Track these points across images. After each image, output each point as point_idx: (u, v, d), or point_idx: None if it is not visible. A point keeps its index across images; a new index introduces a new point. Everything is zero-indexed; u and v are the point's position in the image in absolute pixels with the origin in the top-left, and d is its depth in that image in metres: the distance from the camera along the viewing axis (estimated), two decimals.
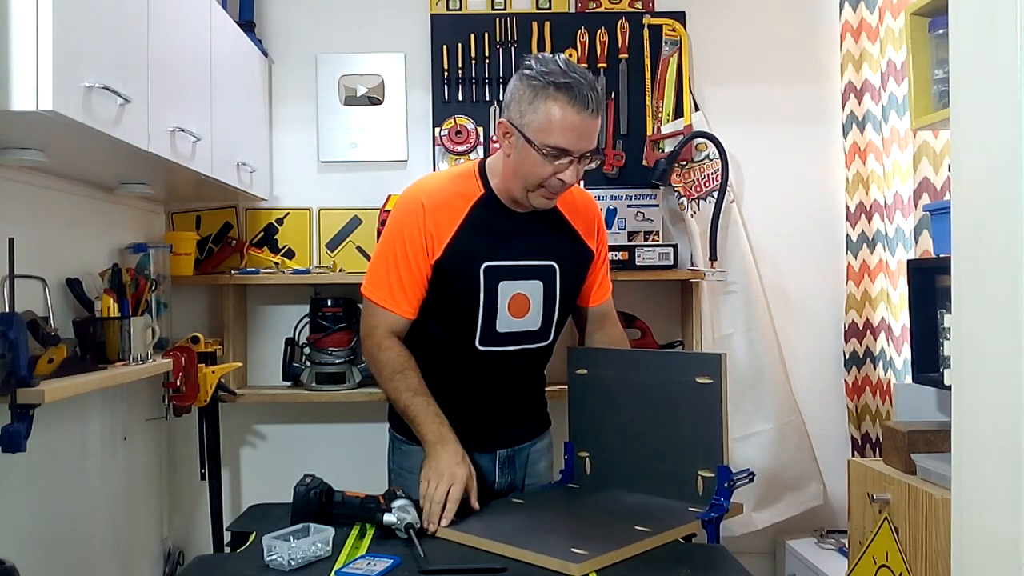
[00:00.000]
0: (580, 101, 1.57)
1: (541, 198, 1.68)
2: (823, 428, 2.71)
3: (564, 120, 1.58)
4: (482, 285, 1.70)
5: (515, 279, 1.73)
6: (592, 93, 1.58)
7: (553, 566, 1.31)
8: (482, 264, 1.70)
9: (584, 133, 1.60)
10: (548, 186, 1.65)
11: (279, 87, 2.69)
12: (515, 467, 1.88)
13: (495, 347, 1.75)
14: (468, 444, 1.77)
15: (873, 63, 2.53)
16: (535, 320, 1.77)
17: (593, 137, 1.62)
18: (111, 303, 1.93)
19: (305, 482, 1.57)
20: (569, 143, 1.59)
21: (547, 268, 1.77)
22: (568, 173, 1.62)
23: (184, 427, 2.54)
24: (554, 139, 1.59)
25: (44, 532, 1.88)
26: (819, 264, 2.72)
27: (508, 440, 1.87)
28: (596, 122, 1.61)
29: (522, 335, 1.77)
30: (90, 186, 2.08)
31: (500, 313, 1.73)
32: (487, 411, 1.83)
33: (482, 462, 1.84)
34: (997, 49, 0.97)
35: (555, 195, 1.68)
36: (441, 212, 1.70)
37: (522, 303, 1.75)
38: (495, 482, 1.86)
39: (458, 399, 1.78)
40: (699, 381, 1.63)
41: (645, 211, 2.61)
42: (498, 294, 1.71)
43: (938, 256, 1.92)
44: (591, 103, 1.58)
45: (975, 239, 1.02)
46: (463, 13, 2.68)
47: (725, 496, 1.58)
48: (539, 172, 1.63)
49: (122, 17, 1.57)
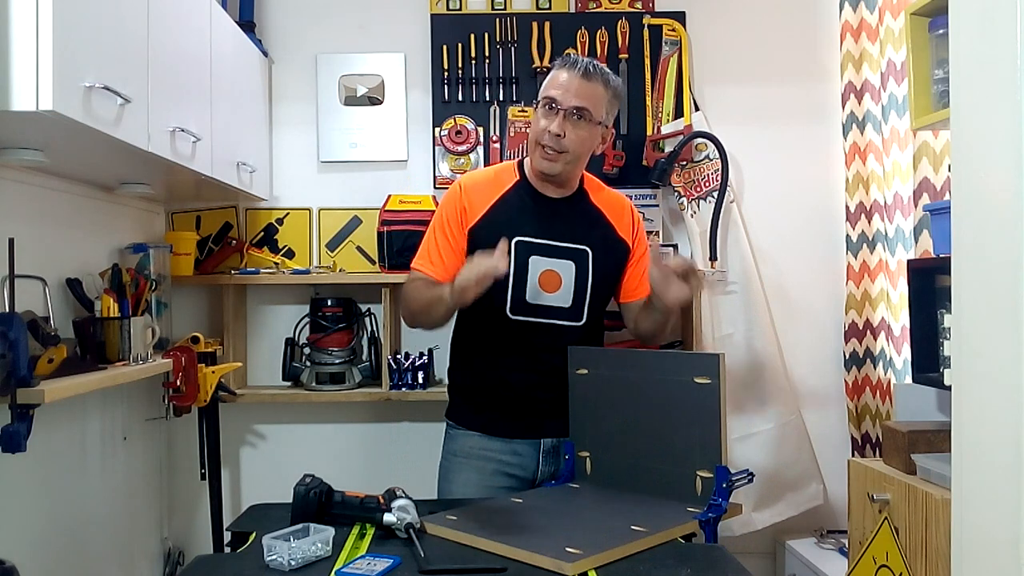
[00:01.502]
0: (572, 64, 1.85)
1: (541, 158, 1.86)
2: (823, 428, 2.70)
3: (556, 77, 1.86)
4: (513, 256, 1.84)
5: (546, 256, 1.88)
6: (590, 64, 1.85)
7: (547, 565, 1.31)
8: (514, 238, 1.86)
9: (571, 89, 1.82)
10: (543, 140, 1.84)
11: (279, 87, 2.69)
12: (560, 458, 1.92)
13: (526, 317, 1.87)
14: (512, 431, 1.91)
15: (873, 63, 2.53)
16: (566, 297, 1.89)
17: (583, 96, 1.83)
18: (111, 303, 1.93)
19: (305, 482, 1.57)
20: (556, 94, 1.83)
21: (580, 251, 1.91)
22: (554, 124, 1.82)
23: (184, 427, 2.54)
24: (545, 91, 1.86)
25: (44, 532, 1.88)
26: (819, 264, 2.72)
27: (553, 431, 1.91)
28: (588, 84, 1.83)
29: (552, 309, 1.88)
30: (90, 186, 2.08)
31: (530, 285, 1.87)
32: (526, 395, 1.90)
33: (525, 451, 1.91)
34: (997, 49, 0.97)
35: (552, 152, 1.84)
36: (478, 190, 1.92)
37: (553, 279, 1.89)
38: (538, 470, 1.92)
39: (497, 379, 1.90)
40: (697, 381, 1.64)
41: (645, 211, 2.61)
42: (528, 267, 1.87)
43: (938, 256, 1.92)
44: (579, 67, 1.83)
45: (975, 239, 1.02)
46: (463, 13, 2.68)
47: (723, 496, 1.58)
48: (537, 128, 1.86)
49: (122, 17, 1.57)
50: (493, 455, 1.91)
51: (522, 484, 1.91)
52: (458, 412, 1.99)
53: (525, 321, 1.87)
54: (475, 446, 1.92)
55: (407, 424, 2.67)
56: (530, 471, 1.92)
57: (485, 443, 1.92)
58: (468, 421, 1.95)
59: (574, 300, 1.89)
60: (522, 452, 1.91)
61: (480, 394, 1.94)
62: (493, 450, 1.91)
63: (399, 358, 2.50)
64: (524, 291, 1.86)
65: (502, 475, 1.91)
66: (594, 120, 1.85)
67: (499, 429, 1.91)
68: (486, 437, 1.92)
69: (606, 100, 1.87)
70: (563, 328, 1.89)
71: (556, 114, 1.82)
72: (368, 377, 2.56)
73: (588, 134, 1.85)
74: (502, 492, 1.87)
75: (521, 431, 1.91)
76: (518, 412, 1.90)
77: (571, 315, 1.90)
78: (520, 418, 1.90)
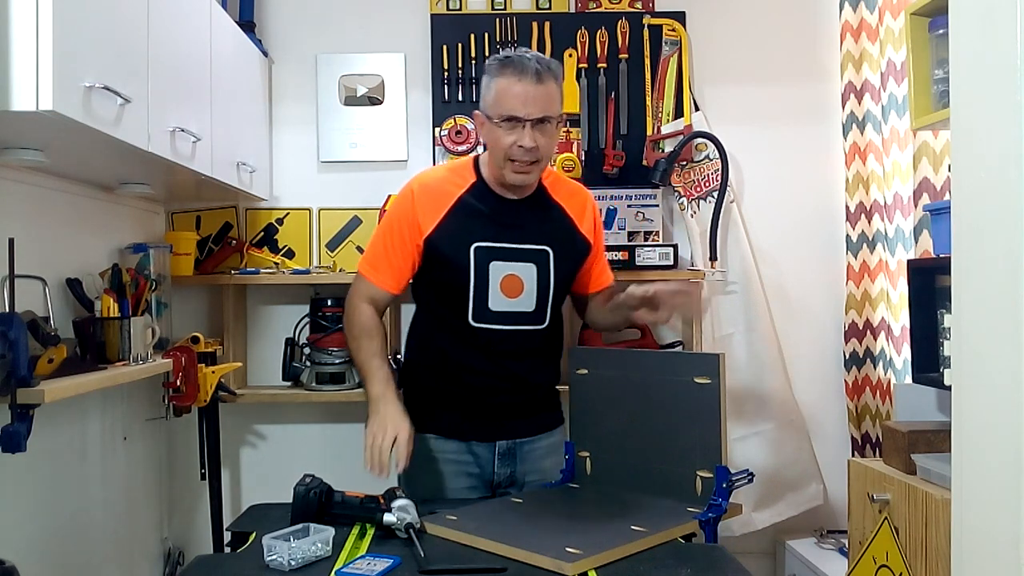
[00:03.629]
0: (520, 70, 1.73)
1: (512, 172, 1.79)
2: (823, 428, 2.71)
3: (508, 90, 1.74)
4: (472, 263, 1.80)
5: (507, 260, 1.83)
6: (536, 64, 1.73)
7: (547, 565, 1.31)
8: (472, 244, 1.81)
9: (530, 99, 1.73)
10: (513, 156, 1.76)
11: (279, 87, 2.69)
12: (515, 460, 1.90)
13: (489, 324, 1.83)
14: (468, 432, 1.87)
15: (873, 63, 2.53)
16: (529, 301, 1.85)
17: (543, 103, 1.74)
18: (111, 303, 1.93)
19: (305, 482, 1.57)
20: (516, 109, 1.73)
21: (541, 252, 1.86)
22: (525, 139, 1.74)
23: (184, 427, 2.54)
24: (503, 108, 1.75)
25: (44, 532, 1.88)
26: (819, 264, 2.72)
27: (509, 432, 1.89)
28: (543, 88, 1.74)
29: (516, 315, 1.84)
30: (90, 186, 2.08)
31: (492, 291, 1.82)
32: (486, 398, 1.86)
33: (481, 452, 1.88)
34: (997, 49, 0.97)
35: (526, 166, 1.77)
36: (432, 196, 1.85)
37: (515, 284, 1.84)
38: (494, 473, 1.89)
39: (457, 381, 1.86)
40: (698, 381, 1.64)
41: (645, 211, 2.61)
42: (489, 273, 1.81)
43: (938, 256, 1.92)
44: (531, 71, 1.72)
45: (975, 239, 1.02)
46: (463, 13, 2.68)
47: (723, 496, 1.58)
48: (502, 144, 1.76)
49: (122, 17, 1.57)
50: (451, 456, 1.87)
51: (480, 484, 1.89)
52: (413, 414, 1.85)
53: (488, 328, 1.83)
54: (432, 449, 1.87)
55: None
56: (487, 472, 1.89)
57: (441, 445, 1.87)
58: (424, 424, 1.87)
59: (537, 303, 1.85)
60: (478, 453, 1.88)
61: (437, 396, 1.90)
62: (450, 451, 1.87)
63: (399, 358, 2.49)
64: (486, 298, 1.82)
65: (462, 475, 1.87)
66: (556, 120, 1.79)
67: (455, 431, 1.87)
68: (441, 439, 1.88)
69: (559, 93, 1.80)
70: (526, 333, 1.86)
71: (522, 127, 1.74)
72: None
73: (555, 134, 1.82)
74: (463, 492, 1.85)
75: (477, 433, 1.87)
76: (474, 414, 1.87)
77: (534, 319, 1.86)
78: (476, 420, 1.87)
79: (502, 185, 1.84)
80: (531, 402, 1.92)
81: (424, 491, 1.86)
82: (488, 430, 1.88)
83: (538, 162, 1.79)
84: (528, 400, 1.91)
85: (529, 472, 1.91)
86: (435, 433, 1.88)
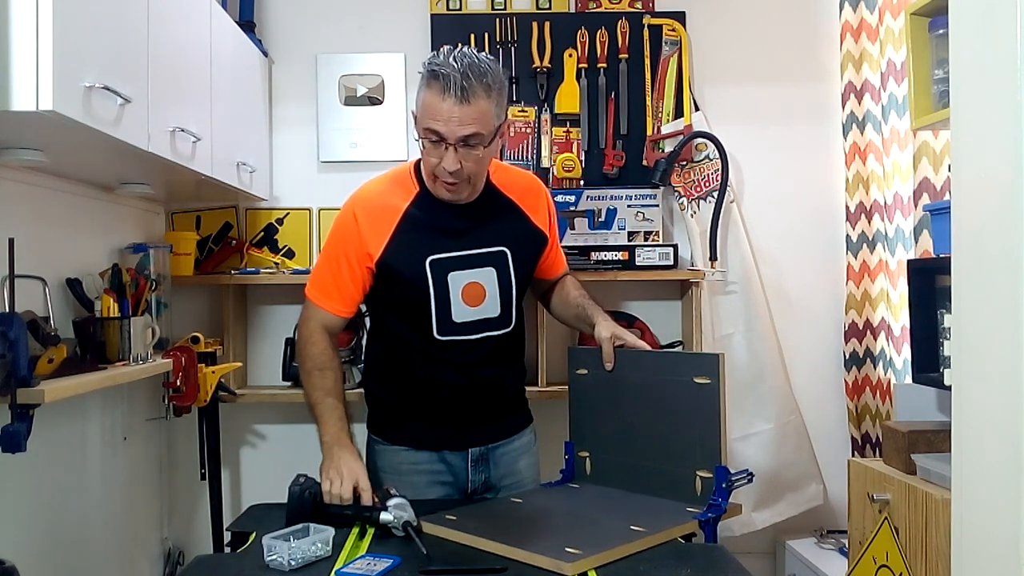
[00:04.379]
0: (444, 87, 1.60)
1: (441, 188, 1.72)
2: (823, 428, 2.71)
3: (431, 106, 1.63)
4: (430, 278, 1.75)
5: (465, 268, 1.77)
6: (464, 80, 1.59)
7: (546, 565, 1.31)
8: (427, 258, 1.75)
9: (452, 119, 1.61)
10: (439, 175, 1.69)
11: (279, 87, 2.69)
12: (489, 466, 1.88)
13: (455, 336, 1.78)
14: (439, 442, 1.84)
15: (873, 63, 2.53)
16: (493, 307, 1.81)
17: (466, 124, 1.62)
18: (111, 303, 1.93)
19: (299, 482, 1.57)
20: (438, 127, 1.62)
21: (498, 254, 1.80)
22: (448, 160, 1.64)
23: (184, 427, 2.54)
24: (426, 123, 1.65)
25: (44, 532, 1.88)
26: (819, 264, 2.72)
27: (481, 438, 1.87)
28: (469, 108, 1.61)
29: (482, 323, 1.80)
30: (90, 186, 2.08)
31: (454, 303, 1.77)
32: (456, 407, 1.84)
33: (454, 460, 1.86)
34: (997, 49, 0.97)
35: (452, 185, 1.70)
36: (375, 215, 1.77)
37: (476, 291, 1.78)
38: (468, 480, 1.87)
39: (426, 395, 1.83)
40: (697, 381, 1.63)
41: (645, 211, 2.61)
42: (448, 285, 1.76)
43: (938, 256, 1.92)
44: (455, 90, 1.59)
45: (975, 239, 1.02)
46: (463, 13, 2.68)
47: (723, 496, 1.58)
48: (429, 160, 1.69)
49: (122, 17, 1.57)
50: (424, 467, 1.85)
51: (455, 491, 1.86)
52: (380, 425, 1.90)
53: (455, 340, 1.78)
54: (403, 461, 1.85)
55: None
56: (461, 480, 1.86)
57: (413, 456, 1.85)
58: (393, 436, 1.87)
59: (501, 307, 1.81)
60: (451, 462, 1.85)
61: (406, 408, 1.87)
62: (422, 462, 1.85)
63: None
64: (449, 310, 1.76)
65: (436, 485, 1.85)
66: (487, 139, 1.66)
67: (425, 442, 1.85)
68: (412, 450, 1.85)
69: (493, 107, 1.65)
70: (494, 339, 1.82)
71: (444, 148, 1.64)
72: None
73: (485, 154, 1.69)
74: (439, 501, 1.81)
75: (448, 442, 1.84)
76: (444, 423, 1.84)
77: (500, 323, 1.82)
78: (446, 429, 1.84)
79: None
80: (500, 407, 1.90)
81: None
82: (459, 438, 1.85)
83: (465, 181, 1.70)
84: (497, 405, 1.89)
85: (504, 476, 1.89)
86: (405, 445, 1.86)
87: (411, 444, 1.85)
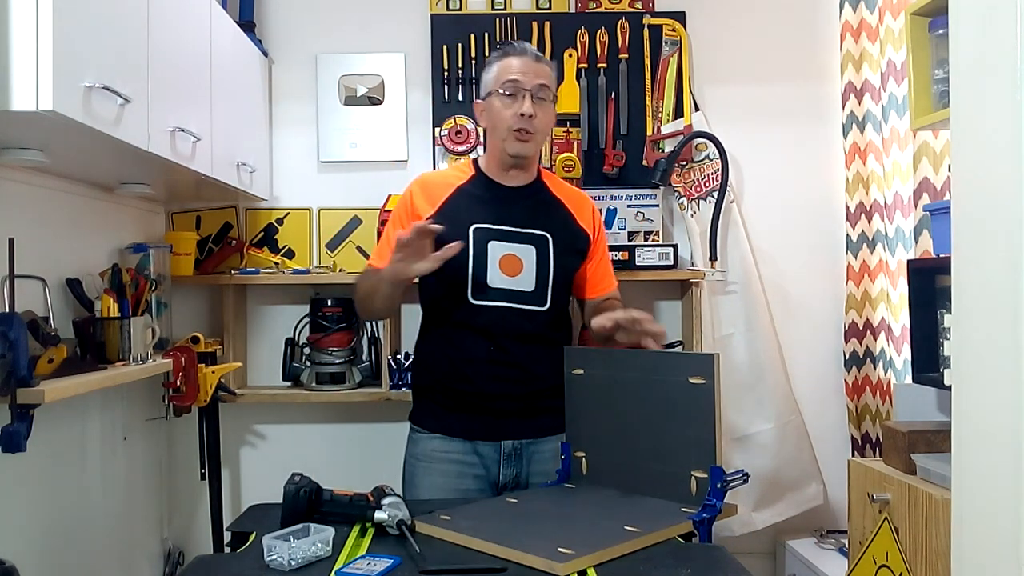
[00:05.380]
0: (516, 51, 1.90)
1: (513, 141, 1.87)
2: (823, 428, 2.71)
3: (508, 65, 1.89)
4: (471, 242, 1.85)
5: (506, 241, 1.88)
6: (528, 47, 1.91)
7: (539, 565, 1.31)
8: (471, 225, 1.86)
9: (529, 70, 1.87)
10: (514, 125, 1.86)
11: (279, 87, 2.69)
12: (522, 461, 1.91)
13: (488, 301, 1.86)
14: (473, 432, 1.89)
15: (873, 63, 2.53)
16: (528, 280, 1.88)
17: (541, 77, 1.87)
18: (111, 303, 1.93)
19: (295, 481, 1.57)
20: (517, 76, 1.86)
21: (540, 237, 1.90)
22: (526, 105, 1.85)
23: (184, 427, 2.54)
24: (504, 78, 1.87)
25: (44, 532, 1.88)
26: (819, 264, 2.72)
27: (514, 432, 1.90)
28: (540, 66, 1.89)
29: (515, 294, 1.87)
30: (90, 186, 2.08)
31: (491, 269, 1.86)
32: (489, 390, 1.88)
33: (486, 452, 1.90)
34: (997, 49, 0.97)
35: (525, 135, 1.86)
36: (430, 190, 1.94)
37: (514, 263, 1.88)
38: (500, 473, 1.90)
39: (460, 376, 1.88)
40: (692, 381, 1.63)
41: (645, 211, 2.61)
42: (487, 252, 1.86)
43: (938, 256, 1.92)
44: (528, 50, 1.90)
45: (975, 239, 1.02)
46: (463, 13, 2.68)
47: (718, 497, 1.57)
48: (503, 116, 1.87)
49: (122, 17, 1.57)
50: (456, 457, 1.89)
51: (487, 485, 1.89)
52: (420, 415, 1.97)
53: (487, 305, 1.85)
54: (437, 449, 1.90)
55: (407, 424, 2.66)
56: (493, 472, 1.90)
57: (447, 445, 1.90)
58: (430, 424, 1.93)
59: (537, 284, 1.88)
60: (483, 453, 1.89)
61: (441, 394, 1.92)
62: (455, 451, 1.89)
63: (399, 358, 2.50)
64: (485, 275, 1.85)
65: (467, 477, 1.89)
66: (553, 98, 1.91)
67: (459, 430, 1.90)
68: (447, 439, 1.90)
69: (554, 82, 1.93)
70: (526, 313, 1.88)
71: (523, 96, 1.85)
72: (368, 377, 2.56)
73: (551, 113, 1.92)
74: (468, 495, 1.85)
75: (481, 432, 1.89)
76: (477, 411, 1.89)
77: (535, 299, 1.88)
78: (480, 418, 1.89)
79: (501, 166, 1.92)
80: (534, 398, 1.92)
81: (429, 491, 1.87)
82: (492, 429, 1.89)
83: (536, 133, 1.88)
84: (531, 395, 1.91)
85: (535, 475, 1.92)
86: (441, 433, 1.91)
87: (446, 432, 1.91)
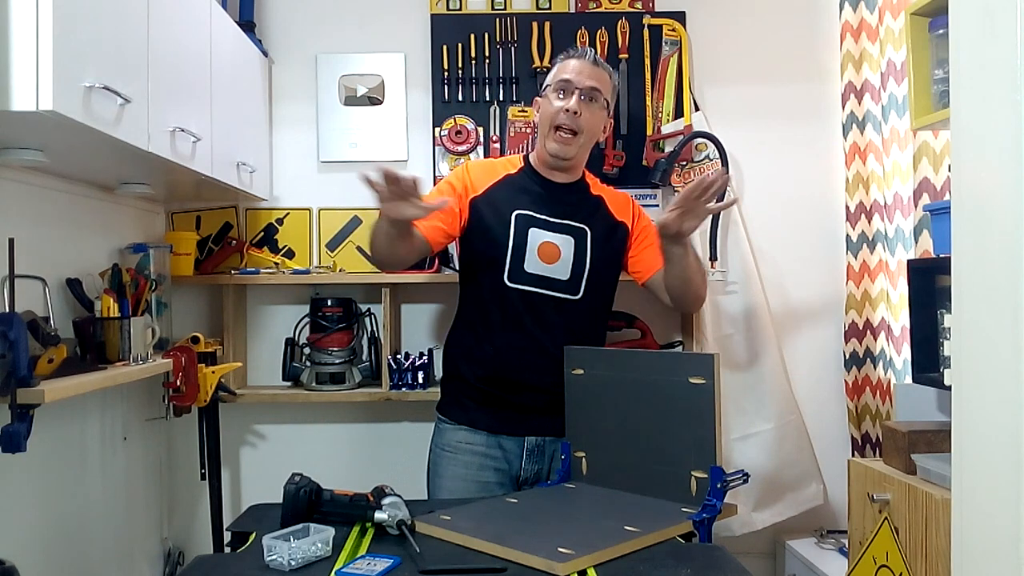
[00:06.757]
0: (577, 54, 2.01)
1: (555, 141, 1.96)
2: (823, 428, 2.70)
3: (566, 65, 2.00)
4: (512, 227, 1.94)
5: (546, 230, 1.96)
6: (590, 51, 2.03)
7: (538, 565, 1.31)
8: (514, 211, 1.96)
9: (583, 72, 1.96)
10: (558, 122, 1.94)
11: (279, 87, 2.69)
12: (544, 458, 1.96)
13: (523, 285, 1.93)
14: (498, 426, 1.95)
15: (873, 63, 2.53)
16: (564, 269, 1.94)
17: (594, 79, 1.97)
18: (111, 303, 1.93)
19: (294, 481, 1.57)
20: (570, 76, 1.96)
21: (579, 230, 1.99)
22: (572, 101, 1.93)
23: (184, 427, 2.54)
24: (558, 78, 1.98)
25: (44, 532, 1.88)
26: (819, 264, 2.72)
27: (538, 428, 1.94)
28: (597, 70, 1.98)
29: (551, 281, 1.94)
30: (90, 186, 2.08)
31: (529, 254, 1.94)
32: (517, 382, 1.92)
33: (509, 446, 1.95)
34: (997, 49, 0.97)
35: (567, 133, 1.94)
36: (483, 170, 2.05)
37: (551, 251, 1.96)
38: (522, 468, 1.94)
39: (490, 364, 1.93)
40: (692, 381, 1.63)
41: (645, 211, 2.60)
42: (527, 238, 1.95)
43: (938, 256, 1.92)
44: (589, 57, 2.00)
45: (975, 239, 1.02)
46: (463, 13, 2.68)
47: (718, 497, 1.58)
48: (551, 111, 1.96)
49: (122, 17, 1.57)
50: (480, 449, 1.95)
51: (508, 479, 1.94)
52: (447, 406, 2.03)
53: (522, 290, 1.92)
54: (462, 440, 1.97)
55: (407, 424, 2.67)
56: (515, 467, 1.95)
57: (471, 437, 1.96)
58: (457, 416, 1.99)
59: (572, 273, 1.95)
60: (506, 447, 1.94)
61: (470, 388, 1.97)
62: (479, 444, 1.95)
63: (399, 358, 2.50)
64: (523, 260, 1.93)
65: (489, 470, 1.94)
66: (604, 103, 1.98)
67: (485, 423, 1.95)
68: (472, 431, 1.96)
69: (611, 87, 2.02)
70: (559, 300, 1.93)
71: (571, 94, 1.93)
72: (368, 377, 2.56)
73: (599, 116, 1.99)
74: (489, 487, 1.91)
75: (506, 426, 1.94)
76: (503, 405, 1.93)
77: (568, 288, 1.95)
78: (504, 413, 1.93)
79: (546, 167, 2.02)
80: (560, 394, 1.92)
81: (452, 481, 1.89)
82: (517, 425, 1.94)
83: (580, 134, 1.95)
84: (557, 388, 1.91)
85: (554, 473, 1.94)
86: (466, 425, 1.97)
87: (471, 424, 1.96)
